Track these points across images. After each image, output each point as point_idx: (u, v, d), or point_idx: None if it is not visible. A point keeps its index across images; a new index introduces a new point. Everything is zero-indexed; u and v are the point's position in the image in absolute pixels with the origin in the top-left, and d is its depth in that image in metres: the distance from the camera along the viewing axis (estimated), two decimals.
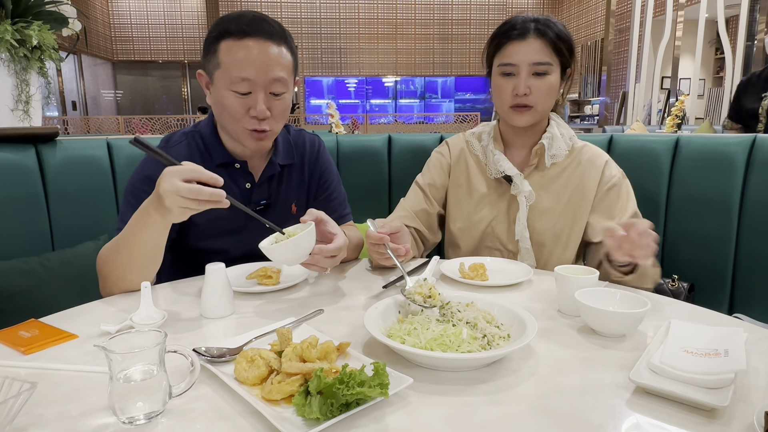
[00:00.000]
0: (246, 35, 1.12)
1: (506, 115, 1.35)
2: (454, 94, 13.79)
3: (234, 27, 1.12)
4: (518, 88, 1.28)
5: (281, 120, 1.21)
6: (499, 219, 1.39)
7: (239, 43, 1.12)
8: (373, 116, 11.70)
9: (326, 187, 1.42)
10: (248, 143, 1.20)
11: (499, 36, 1.32)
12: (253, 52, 1.11)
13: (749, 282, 1.51)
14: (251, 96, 1.14)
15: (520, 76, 1.28)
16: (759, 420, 0.58)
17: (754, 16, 7.42)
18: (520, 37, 1.28)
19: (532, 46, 1.27)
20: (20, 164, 1.48)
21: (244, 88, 1.13)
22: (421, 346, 0.76)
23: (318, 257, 1.05)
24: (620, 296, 0.94)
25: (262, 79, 1.13)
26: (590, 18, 11.57)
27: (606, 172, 1.35)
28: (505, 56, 1.30)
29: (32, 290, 1.39)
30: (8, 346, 0.83)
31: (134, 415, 0.62)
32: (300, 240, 1.00)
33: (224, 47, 1.13)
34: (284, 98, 1.18)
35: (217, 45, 1.14)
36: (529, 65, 1.27)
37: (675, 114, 4.84)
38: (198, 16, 12.65)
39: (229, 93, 1.14)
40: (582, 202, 1.35)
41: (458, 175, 1.46)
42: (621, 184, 1.34)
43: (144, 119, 7.72)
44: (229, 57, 1.12)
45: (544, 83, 1.29)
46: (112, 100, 13.12)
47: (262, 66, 1.12)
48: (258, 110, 1.14)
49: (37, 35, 1.46)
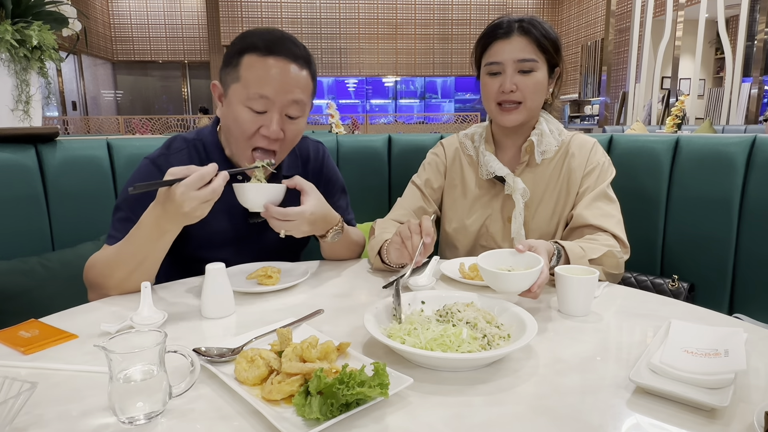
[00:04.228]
0: (271, 53, 1.10)
1: (495, 116, 1.36)
2: (454, 94, 13.81)
3: (260, 43, 1.10)
4: (504, 85, 1.30)
5: (291, 145, 1.20)
6: (493, 218, 1.40)
7: (262, 59, 1.10)
8: (373, 116, 11.72)
9: (330, 195, 1.40)
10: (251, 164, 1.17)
11: (485, 37, 1.34)
12: (275, 71, 1.10)
13: (749, 282, 1.51)
14: (266, 115, 1.12)
15: (506, 73, 1.30)
16: (759, 420, 0.58)
17: (754, 16, 7.42)
18: (505, 36, 1.30)
19: (517, 44, 1.29)
20: (20, 164, 1.48)
21: (261, 107, 1.11)
22: (421, 346, 0.76)
23: (268, 213, 1.08)
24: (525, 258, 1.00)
25: (281, 99, 1.11)
26: (590, 18, 11.58)
27: (591, 156, 1.35)
28: (490, 55, 1.32)
29: (32, 290, 1.39)
30: (8, 346, 0.83)
31: (134, 415, 0.62)
32: (263, 187, 1.08)
33: (246, 62, 1.11)
34: (299, 122, 1.17)
35: (239, 58, 1.11)
36: (514, 62, 1.29)
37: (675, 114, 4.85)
38: (198, 16, 12.66)
39: (244, 109, 1.11)
40: (572, 190, 1.35)
41: (453, 176, 1.47)
42: (601, 168, 1.34)
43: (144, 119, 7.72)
44: (250, 72, 1.10)
45: (531, 80, 1.30)
46: (112, 100, 13.13)
47: (282, 86, 1.10)
48: (271, 130, 1.11)
49: (37, 35, 1.46)
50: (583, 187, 1.33)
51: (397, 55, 12.91)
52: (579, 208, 1.30)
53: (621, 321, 0.98)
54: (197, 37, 12.71)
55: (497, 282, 0.95)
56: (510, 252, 1.03)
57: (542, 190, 1.36)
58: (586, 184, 1.33)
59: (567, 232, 1.33)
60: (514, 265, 1.01)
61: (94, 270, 1.09)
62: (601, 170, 1.34)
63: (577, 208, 1.30)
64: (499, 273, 0.94)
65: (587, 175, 1.33)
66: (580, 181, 1.34)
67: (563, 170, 1.36)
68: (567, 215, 1.35)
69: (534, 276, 0.93)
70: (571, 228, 1.31)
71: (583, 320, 0.96)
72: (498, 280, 0.95)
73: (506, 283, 0.94)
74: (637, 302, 1.07)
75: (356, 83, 13.39)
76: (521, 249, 1.00)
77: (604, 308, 1.02)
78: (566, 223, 1.35)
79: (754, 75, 6.98)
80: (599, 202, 1.29)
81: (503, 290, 0.96)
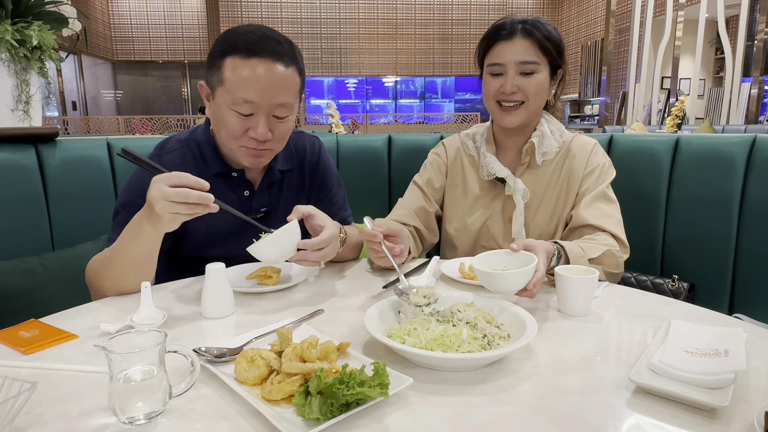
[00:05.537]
0: (253, 54, 1.07)
1: (496, 116, 1.36)
2: (454, 94, 13.80)
3: (241, 44, 1.07)
4: (505, 86, 1.30)
5: (282, 141, 1.19)
6: (494, 218, 1.40)
7: (245, 62, 1.07)
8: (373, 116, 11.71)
9: (327, 191, 1.41)
10: (245, 161, 1.17)
11: (488, 37, 1.34)
12: (259, 73, 1.07)
13: (749, 282, 1.51)
14: (253, 118, 1.10)
15: (508, 75, 1.30)
16: (759, 420, 0.58)
17: (754, 16, 7.42)
18: (508, 37, 1.30)
19: (519, 45, 1.29)
20: (20, 164, 1.48)
21: (247, 110, 1.09)
22: (421, 346, 0.76)
23: (305, 252, 1.05)
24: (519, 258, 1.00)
25: (266, 102, 1.09)
26: (590, 18, 11.57)
27: (591, 158, 1.36)
28: (493, 56, 1.32)
29: (32, 290, 1.39)
30: (8, 346, 0.83)
31: (134, 415, 0.62)
32: (279, 236, 1.01)
33: (229, 64, 1.08)
34: (287, 121, 1.15)
35: (222, 60, 1.09)
36: (516, 64, 1.29)
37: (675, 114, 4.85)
38: (198, 16, 12.66)
39: (231, 112, 1.10)
40: (572, 190, 1.35)
41: (455, 175, 1.47)
42: (602, 169, 1.34)
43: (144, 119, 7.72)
44: (234, 75, 1.07)
45: (532, 82, 1.30)
46: (112, 100, 13.12)
47: (267, 89, 1.08)
48: (258, 133, 1.10)
49: (37, 35, 1.46)
50: (583, 187, 1.33)
51: (397, 55, 12.90)
52: (578, 208, 1.30)
53: (621, 321, 0.98)
54: (197, 37, 12.70)
55: (492, 282, 0.95)
56: (505, 252, 1.03)
57: (542, 190, 1.36)
58: (585, 185, 1.33)
59: (566, 232, 1.33)
60: (509, 264, 1.01)
61: (92, 271, 1.10)
62: (602, 171, 1.34)
63: (577, 208, 1.31)
64: (492, 273, 0.94)
65: (587, 176, 1.34)
66: (580, 182, 1.34)
67: (563, 171, 1.36)
68: (567, 216, 1.35)
69: (528, 274, 0.93)
70: (570, 228, 1.31)
71: (583, 320, 0.96)
72: (492, 280, 0.95)
73: (500, 282, 0.94)
74: (637, 302, 1.07)
75: (356, 83, 13.38)
76: (515, 248, 1.00)
77: (604, 308, 1.02)
78: (566, 223, 1.35)
79: (754, 75, 6.98)
80: (598, 202, 1.29)
81: (498, 290, 0.96)
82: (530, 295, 0.96)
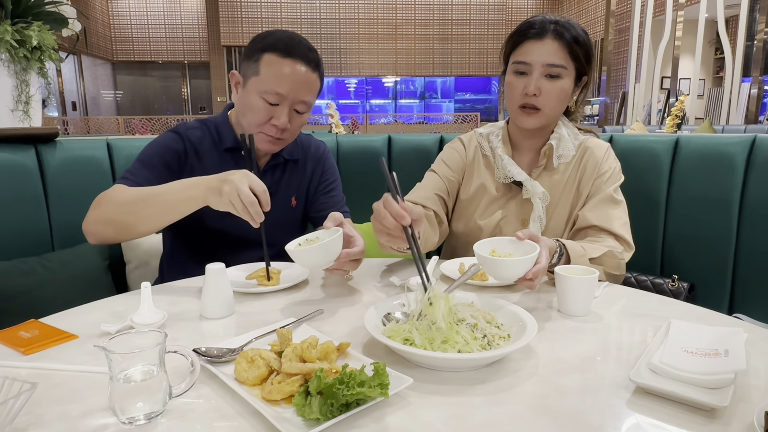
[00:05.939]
0: (290, 55, 1.24)
1: (514, 116, 1.34)
2: (454, 95, 13.81)
3: (281, 45, 1.24)
4: (528, 88, 1.27)
5: (294, 134, 1.35)
6: (508, 220, 1.38)
7: (282, 60, 1.23)
8: (373, 116, 11.72)
9: (327, 184, 1.48)
10: (261, 145, 1.30)
11: (517, 34, 1.31)
12: (291, 72, 1.24)
13: (749, 282, 1.51)
14: (278, 108, 1.25)
15: (532, 75, 1.27)
16: (759, 420, 0.58)
17: (754, 16, 7.42)
18: (537, 36, 1.27)
19: (548, 47, 1.26)
20: (20, 164, 1.48)
21: (274, 100, 1.24)
22: (421, 346, 0.76)
23: (344, 261, 1.08)
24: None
25: (292, 97, 1.25)
26: (590, 18, 11.57)
27: (603, 162, 1.35)
28: (520, 54, 1.29)
29: (32, 290, 1.39)
30: (8, 347, 0.83)
31: (134, 415, 0.62)
32: (327, 245, 1.00)
33: (267, 59, 1.24)
34: (303, 116, 1.32)
35: (261, 55, 1.24)
36: (543, 66, 1.26)
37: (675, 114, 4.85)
38: (198, 17, 12.66)
39: (260, 99, 1.25)
40: (583, 192, 1.35)
41: (471, 173, 1.45)
42: (612, 173, 1.34)
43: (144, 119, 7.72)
44: (269, 70, 1.23)
45: (555, 86, 1.28)
46: (112, 100, 13.13)
47: (296, 86, 1.24)
48: (280, 122, 1.26)
49: (37, 36, 1.46)
50: (593, 190, 1.33)
51: (397, 55, 12.90)
52: (584, 209, 1.30)
53: (621, 321, 0.98)
54: (197, 37, 12.71)
55: (491, 267, 0.95)
56: (509, 240, 1.02)
57: (558, 193, 1.36)
58: (595, 188, 1.33)
59: (572, 233, 1.33)
60: (512, 252, 1.01)
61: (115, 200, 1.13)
62: (612, 175, 1.34)
63: (583, 209, 1.30)
64: (492, 258, 0.94)
65: (598, 179, 1.33)
66: (591, 185, 1.34)
67: (577, 174, 1.36)
68: (575, 217, 1.35)
69: (529, 263, 0.93)
70: (575, 229, 1.31)
71: (583, 320, 0.96)
72: (491, 265, 0.95)
73: (500, 268, 0.94)
74: (637, 302, 1.07)
75: (356, 83, 13.39)
76: (521, 237, 1.00)
77: (604, 308, 1.02)
78: (573, 224, 1.35)
79: (754, 75, 6.98)
80: (604, 204, 1.29)
81: (497, 276, 0.97)
82: (530, 285, 0.96)
